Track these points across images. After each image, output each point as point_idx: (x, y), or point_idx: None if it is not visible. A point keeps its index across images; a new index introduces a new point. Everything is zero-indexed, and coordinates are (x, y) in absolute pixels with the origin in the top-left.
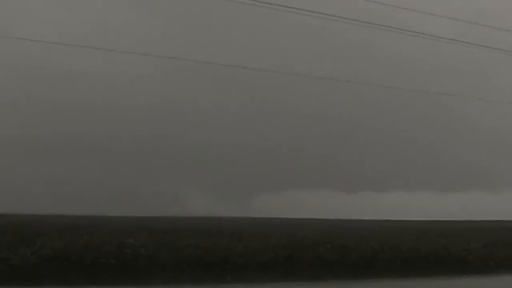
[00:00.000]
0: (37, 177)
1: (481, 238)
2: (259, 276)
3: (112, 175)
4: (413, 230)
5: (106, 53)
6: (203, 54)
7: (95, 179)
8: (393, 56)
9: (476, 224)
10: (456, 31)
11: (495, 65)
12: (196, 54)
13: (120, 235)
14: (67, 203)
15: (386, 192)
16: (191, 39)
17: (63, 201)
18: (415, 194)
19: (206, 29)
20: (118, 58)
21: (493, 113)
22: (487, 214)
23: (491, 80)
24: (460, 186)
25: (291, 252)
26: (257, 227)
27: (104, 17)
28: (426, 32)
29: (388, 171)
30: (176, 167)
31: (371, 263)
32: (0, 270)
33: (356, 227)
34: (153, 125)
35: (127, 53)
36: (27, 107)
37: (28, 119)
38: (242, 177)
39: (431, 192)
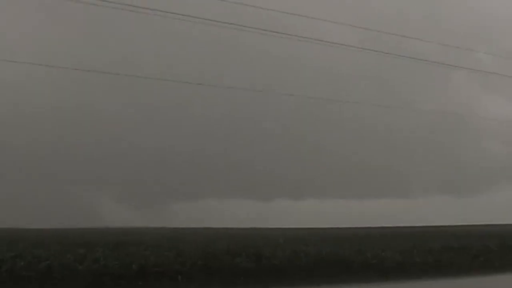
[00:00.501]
0: None
1: (397, 245)
2: (175, 286)
3: (21, 185)
4: (329, 237)
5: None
6: (107, 64)
7: (6, 190)
8: (298, 65)
9: (391, 230)
10: (359, 38)
11: (398, 71)
12: (97, 63)
13: (34, 247)
14: None
15: (302, 200)
16: (91, 48)
17: None
18: (330, 201)
19: (106, 39)
20: (14, 68)
21: (399, 119)
22: (402, 220)
23: (394, 86)
24: (374, 193)
25: (207, 262)
26: (172, 237)
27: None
28: (329, 39)
29: (303, 178)
30: (88, 177)
31: (287, 272)
32: None
33: (271, 236)
34: (64, 132)
35: (24, 63)
36: None
37: None
38: (155, 186)
39: (346, 199)
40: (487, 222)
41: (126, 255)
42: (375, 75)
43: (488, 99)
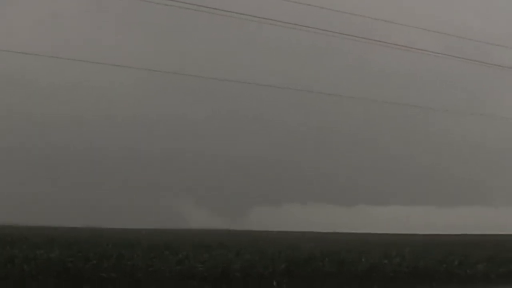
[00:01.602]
0: (32, 190)
1: (480, 253)
2: None
3: (107, 187)
4: (412, 244)
5: (93, 66)
6: (194, 68)
7: (91, 191)
8: (380, 70)
9: (475, 238)
10: (444, 45)
11: (482, 79)
12: (187, 68)
13: (119, 247)
14: (64, 216)
15: (384, 206)
16: (179, 52)
17: (60, 214)
18: (412, 207)
19: (193, 42)
20: (106, 71)
21: (484, 127)
22: (486, 228)
23: (478, 94)
24: (457, 200)
25: (289, 266)
26: (255, 241)
27: (94, 29)
28: (412, 45)
29: (385, 184)
30: (172, 179)
31: (370, 278)
32: None
33: (354, 241)
34: (148, 137)
35: (116, 66)
36: (13, 120)
37: (15, 131)
38: (239, 190)
39: (428, 206)
40: None
41: (210, 258)
42: (459, 82)
43: None
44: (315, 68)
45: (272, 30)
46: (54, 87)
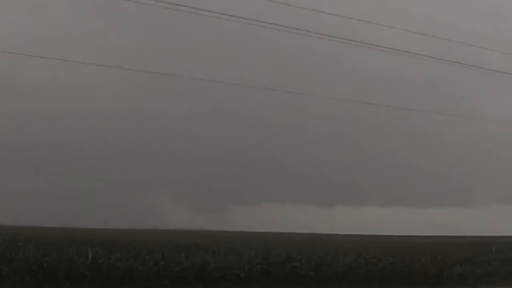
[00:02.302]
0: (8, 188)
1: (457, 254)
2: None
3: (87, 186)
4: (389, 246)
5: (72, 64)
6: (173, 68)
7: (70, 191)
8: (362, 71)
9: (452, 240)
10: (426, 47)
11: (463, 80)
12: (166, 67)
13: (95, 247)
14: (43, 215)
15: (362, 207)
16: (160, 51)
17: (37, 213)
18: (390, 209)
19: (175, 42)
20: (85, 70)
21: (462, 129)
22: (463, 229)
23: (458, 95)
24: (435, 202)
25: (266, 267)
26: (233, 241)
27: (70, 28)
28: (394, 47)
29: (363, 186)
30: (151, 179)
31: (346, 279)
32: None
33: (332, 242)
34: (128, 136)
35: (95, 65)
36: None
37: None
38: (217, 190)
39: (406, 207)
40: None
41: (186, 259)
42: (439, 84)
43: None
44: (295, 68)
45: (253, 31)
46: (32, 85)
